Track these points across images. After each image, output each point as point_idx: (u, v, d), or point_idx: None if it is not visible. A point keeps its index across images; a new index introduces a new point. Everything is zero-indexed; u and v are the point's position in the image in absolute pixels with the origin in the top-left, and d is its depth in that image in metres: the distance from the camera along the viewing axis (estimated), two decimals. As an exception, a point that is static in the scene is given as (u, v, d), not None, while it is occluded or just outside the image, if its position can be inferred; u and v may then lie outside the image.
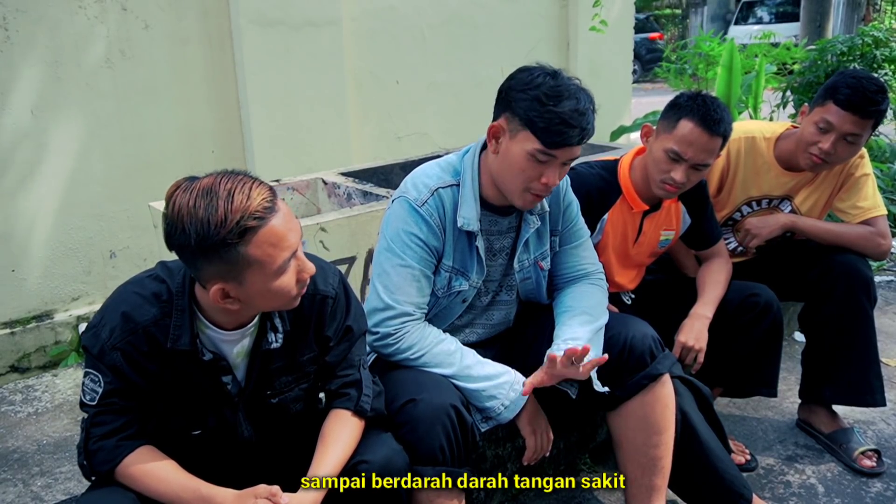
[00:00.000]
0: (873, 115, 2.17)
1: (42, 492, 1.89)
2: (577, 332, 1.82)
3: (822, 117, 2.20)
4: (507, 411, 1.75)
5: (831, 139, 2.18)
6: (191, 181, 1.30)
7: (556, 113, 1.61)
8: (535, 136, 1.64)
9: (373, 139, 4.38)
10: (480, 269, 1.85)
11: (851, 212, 2.37)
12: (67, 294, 3.48)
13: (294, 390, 1.54)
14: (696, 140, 1.96)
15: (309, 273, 1.39)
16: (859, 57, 4.88)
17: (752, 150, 2.39)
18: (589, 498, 2.22)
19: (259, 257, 1.29)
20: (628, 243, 2.22)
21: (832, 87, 2.20)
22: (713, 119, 1.95)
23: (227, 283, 1.31)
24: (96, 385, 1.40)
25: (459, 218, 1.77)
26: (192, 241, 1.25)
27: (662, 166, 2.01)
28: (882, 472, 2.29)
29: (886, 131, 5.07)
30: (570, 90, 1.64)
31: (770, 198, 2.44)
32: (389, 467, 1.47)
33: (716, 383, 2.28)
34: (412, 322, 1.77)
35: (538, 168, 1.67)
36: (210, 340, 1.45)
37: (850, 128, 2.16)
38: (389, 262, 1.78)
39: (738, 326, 2.19)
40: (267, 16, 3.74)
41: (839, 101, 2.17)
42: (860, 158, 2.38)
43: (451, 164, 1.84)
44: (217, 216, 1.24)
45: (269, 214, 1.29)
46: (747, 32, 10.01)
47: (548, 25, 5.10)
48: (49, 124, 3.32)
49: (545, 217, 1.91)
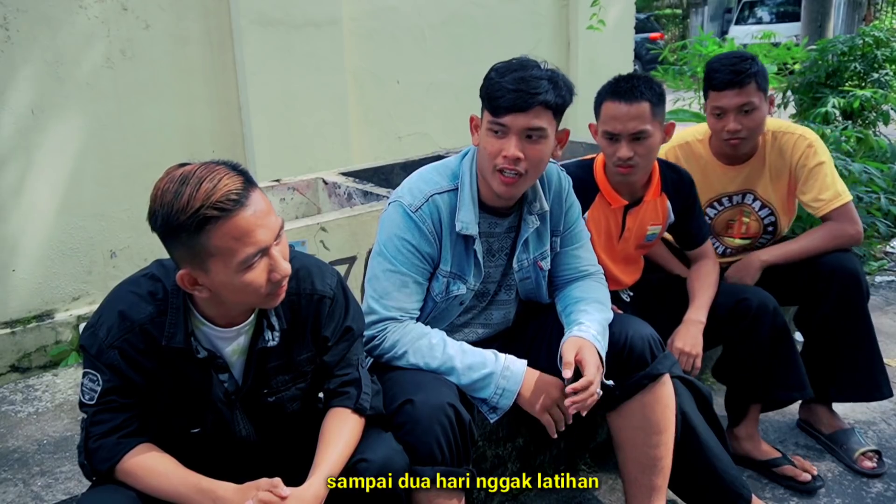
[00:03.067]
0: (749, 81, 2.24)
1: (42, 492, 1.89)
2: (593, 317, 1.82)
3: (711, 105, 2.31)
4: (504, 399, 1.74)
5: (730, 118, 2.27)
6: (180, 167, 1.33)
7: (500, 82, 1.68)
8: (487, 109, 1.71)
9: (373, 139, 4.38)
10: (478, 272, 1.85)
11: (814, 205, 2.38)
12: (68, 294, 3.48)
13: (291, 390, 1.54)
14: (618, 112, 2.02)
15: (282, 274, 1.37)
16: (860, 57, 4.87)
17: (690, 155, 2.44)
18: (589, 498, 2.22)
19: (220, 248, 1.29)
20: (613, 239, 2.24)
21: (706, 77, 2.33)
22: (623, 89, 2.02)
23: (194, 269, 1.33)
24: (95, 384, 1.40)
25: (458, 222, 1.78)
26: (158, 224, 1.29)
27: (608, 151, 2.07)
28: (882, 473, 2.29)
29: (887, 131, 5.06)
30: (525, 64, 1.70)
31: (728, 195, 2.46)
32: (389, 467, 1.47)
33: (749, 400, 2.27)
34: (394, 323, 1.77)
35: (498, 143, 1.70)
36: (206, 338, 1.45)
37: (736, 101, 2.24)
38: (380, 267, 1.79)
39: (740, 334, 2.17)
40: (267, 16, 3.74)
41: (714, 85, 2.28)
42: (808, 148, 2.38)
43: (450, 168, 1.84)
44: (180, 202, 1.26)
45: (233, 207, 1.28)
46: (748, 32, 10.00)
47: (548, 25, 5.10)
48: (49, 124, 3.32)
49: (545, 216, 1.91)
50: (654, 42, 13.53)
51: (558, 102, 1.70)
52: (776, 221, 2.48)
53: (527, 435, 2.16)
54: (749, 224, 2.49)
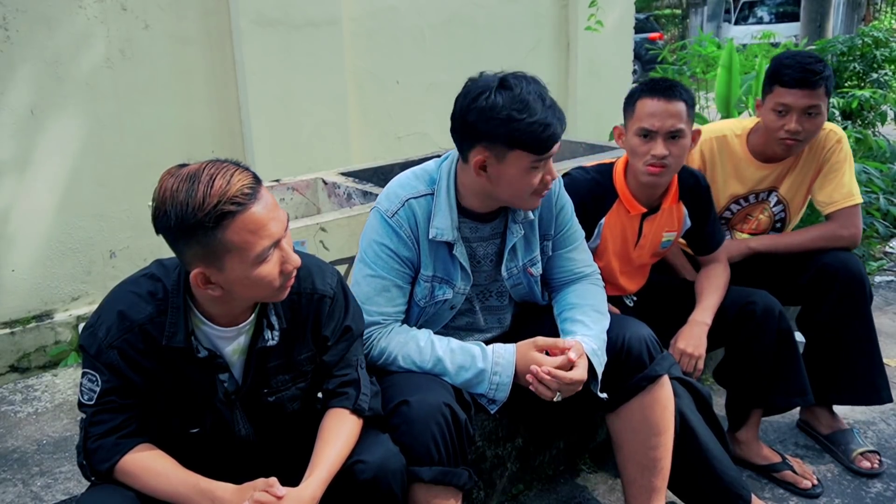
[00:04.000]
0: (821, 83, 2.21)
1: (42, 492, 1.89)
2: (591, 330, 1.81)
3: (776, 102, 2.25)
4: (500, 392, 1.73)
5: (793, 118, 2.23)
6: (180, 167, 1.32)
7: (534, 121, 1.61)
8: (526, 150, 1.64)
9: (373, 139, 4.38)
10: (465, 276, 1.84)
11: (825, 202, 2.37)
12: (67, 294, 3.48)
13: (291, 389, 1.54)
14: (656, 109, 1.99)
15: (293, 265, 1.39)
16: (859, 57, 4.88)
17: (724, 149, 2.40)
18: (589, 498, 2.22)
19: (237, 243, 1.30)
20: (629, 246, 2.21)
21: (774, 72, 2.26)
22: (663, 86, 2.01)
23: (208, 267, 1.32)
24: (94, 384, 1.40)
25: (432, 229, 1.77)
26: (172, 224, 1.27)
27: (640, 150, 2.02)
28: (881, 473, 2.29)
29: (886, 132, 5.06)
30: (528, 91, 1.64)
31: (756, 192, 2.45)
32: (386, 468, 1.47)
33: (751, 405, 2.27)
34: (378, 328, 1.77)
35: (537, 174, 1.69)
36: (206, 337, 1.45)
37: (805, 101, 2.21)
38: (361, 273, 1.80)
39: (744, 338, 2.16)
40: (267, 16, 3.74)
41: (785, 82, 2.22)
42: (837, 143, 2.37)
43: (428, 172, 1.83)
44: (196, 199, 1.26)
45: (248, 201, 1.30)
46: (747, 32, 10.01)
47: (548, 25, 5.10)
48: (48, 124, 3.32)
49: (532, 224, 1.89)
50: (654, 42, 13.52)
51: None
52: (785, 219, 2.48)
53: (526, 435, 2.16)
54: (762, 220, 2.49)
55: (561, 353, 1.71)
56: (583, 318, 1.85)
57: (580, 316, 1.86)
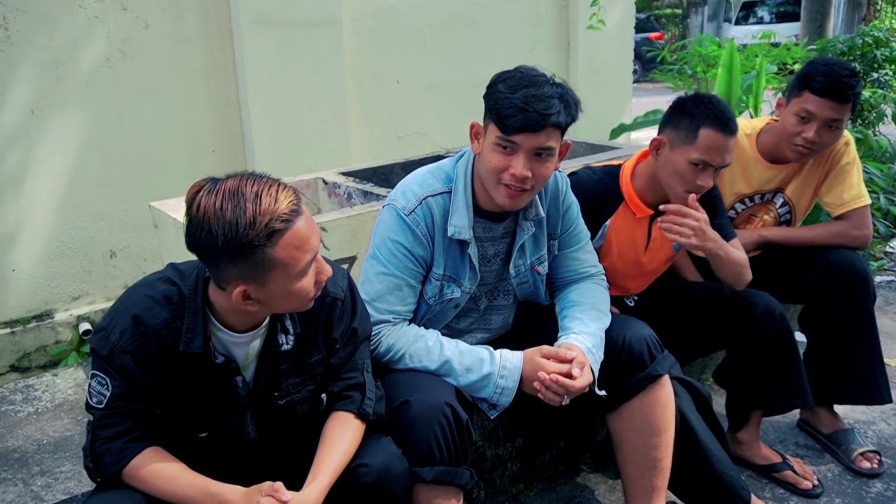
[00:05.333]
0: (850, 99, 2.19)
1: (42, 491, 1.89)
2: (588, 328, 1.81)
3: (801, 107, 2.22)
4: (504, 397, 1.73)
5: (814, 128, 2.20)
6: (214, 182, 1.29)
7: (511, 98, 1.63)
8: (495, 123, 1.66)
9: (373, 139, 4.38)
10: (473, 275, 1.84)
11: (834, 203, 2.37)
12: (68, 294, 3.48)
13: (301, 392, 1.54)
14: (720, 145, 1.96)
15: (326, 275, 1.40)
16: (859, 57, 4.87)
17: (734, 148, 2.39)
18: (589, 498, 2.22)
19: (283, 259, 1.29)
20: (638, 250, 2.20)
21: (806, 76, 2.22)
22: (726, 119, 1.97)
23: (249, 284, 1.30)
24: (104, 388, 1.39)
25: (450, 227, 1.77)
26: (220, 243, 1.24)
27: (689, 177, 1.99)
28: (881, 473, 2.29)
29: (886, 131, 5.06)
30: (535, 80, 1.65)
31: (762, 192, 2.44)
32: (389, 472, 1.47)
33: (751, 406, 2.27)
34: (388, 326, 1.77)
35: (505, 159, 1.68)
36: (221, 343, 1.44)
37: (830, 114, 2.18)
38: (373, 270, 1.79)
39: (745, 340, 2.16)
40: (267, 16, 3.74)
41: (816, 89, 2.19)
42: (845, 146, 2.38)
43: (444, 171, 1.83)
44: (246, 218, 1.24)
45: (294, 217, 1.30)
46: (748, 32, 10.00)
47: (548, 25, 5.10)
48: (49, 124, 3.32)
49: (542, 222, 1.90)
50: (653, 42, 13.52)
51: (568, 122, 1.69)
52: (790, 220, 2.48)
53: (526, 435, 2.16)
54: (766, 221, 2.49)
55: (563, 361, 1.71)
56: (582, 315, 1.85)
57: (579, 314, 1.86)
